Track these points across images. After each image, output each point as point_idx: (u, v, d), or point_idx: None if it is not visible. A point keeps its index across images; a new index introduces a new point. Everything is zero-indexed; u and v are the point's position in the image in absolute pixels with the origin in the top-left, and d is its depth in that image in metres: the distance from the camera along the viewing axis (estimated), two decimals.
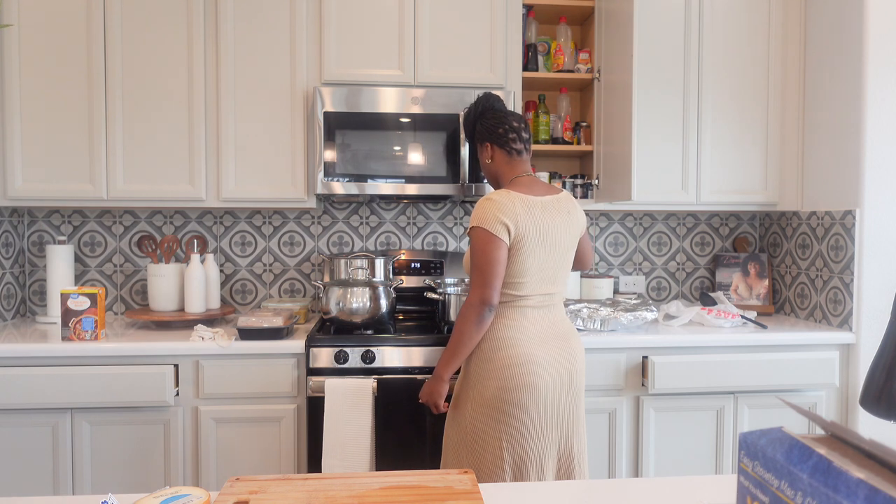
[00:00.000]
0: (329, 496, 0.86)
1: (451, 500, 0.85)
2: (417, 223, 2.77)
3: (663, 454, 2.23)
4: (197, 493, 0.84)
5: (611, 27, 2.38)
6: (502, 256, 1.68)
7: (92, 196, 2.29)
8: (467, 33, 2.39)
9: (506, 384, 1.67)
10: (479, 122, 1.89)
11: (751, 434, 0.53)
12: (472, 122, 1.93)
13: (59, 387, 1.99)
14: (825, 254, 2.40)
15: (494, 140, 1.84)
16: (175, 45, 2.31)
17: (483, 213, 1.69)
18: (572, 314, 2.29)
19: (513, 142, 1.83)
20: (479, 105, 1.91)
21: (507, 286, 1.72)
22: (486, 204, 1.70)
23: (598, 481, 1.01)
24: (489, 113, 1.88)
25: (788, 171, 2.54)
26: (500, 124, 1.84)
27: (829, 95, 2.37)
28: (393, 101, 2.29)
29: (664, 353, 2.20)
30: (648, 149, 2.49)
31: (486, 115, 1.88)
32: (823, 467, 0.44)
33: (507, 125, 1.84)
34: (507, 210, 1.68)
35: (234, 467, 2.09)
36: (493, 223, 1.67)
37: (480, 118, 1.90)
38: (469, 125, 1.94)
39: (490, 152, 1.86)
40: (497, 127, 1.84)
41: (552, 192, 1.80)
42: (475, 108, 1.92)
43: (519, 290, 1.72)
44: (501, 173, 1.86)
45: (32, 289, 2.63)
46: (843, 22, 2.29)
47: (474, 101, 1.94)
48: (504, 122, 1.84)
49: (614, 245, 2.86)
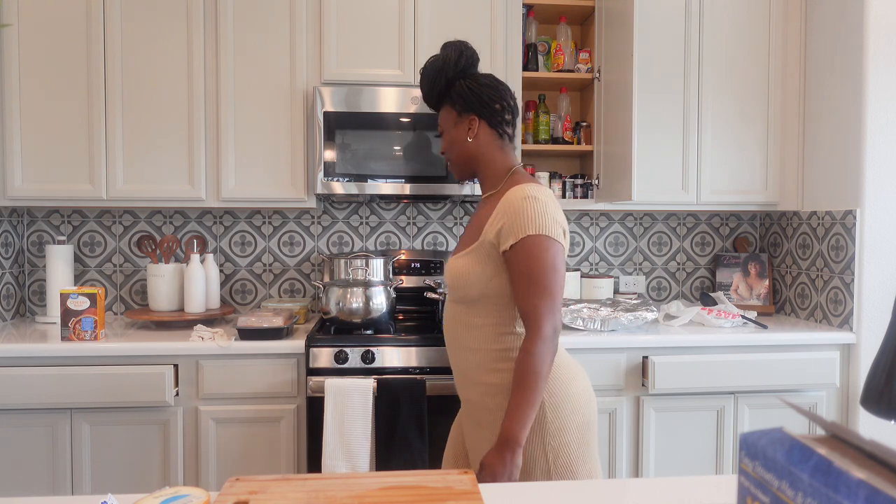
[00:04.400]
0: (329, 496, 0.86)
1: (451, 500, 0.85)
2: (417, 223, 2.77)
3: (663, 454, 2.23)
4: (197, 493, 0.84)
5: (611, 27, 2.38)
6: (565, 270, 1.41)
7: (91, 196, 2.29)
8: (467, 33, 2.39)
9: (590, 417, 1.39)
10: (464, 83, 1.45)
11: (751, 434, 0.53)
12: (449, 77, 1.46)
13: (59, 387, 1.99)
14: (825, 254, 2.39)
15: (485, 115, 1.44)
16: (175, 44, 2.31)
17: (536, 215, 1.31)
18: (573, 314, 2.29)
19: (508, 124, 1.47)
20: (458, 55, 1.46)
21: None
22: (535, 204, 1.32)
23: (598, 481, 1.01)
24: (482, 79, 1.45)
25: (789, 171, 2.54)
26: (497, 98, 1.45)
27: (830, 95, 2.36)
28: (393, 101, 2.29)
29: (664, 353, 2.20)
30: (649, 149, 2.48)
31: (477, 80, 1.45)
32: (824, 468, 0.43)
33: (505, 101, 1.46)
34: (559, 210, 1.36)
35: (234, 467, 2.09)
36: (554, 227, 1.33)
37: (465, 78, 1.46)
38: (441, 81, 1.46)
39: (475, 128, 1.44)
40: (493, 101, 1.44)
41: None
42: (453, 59, 1.45)
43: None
44: (488, 160, 1.45)
45: (32, 289, 2.62)
46: (844, 21, 2.29)
47: (446, 48, 1.47)
48: (502, 96, 1.46)
49: (614, 245, 2.85)
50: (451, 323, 1.46)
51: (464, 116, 1.45)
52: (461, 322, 1.42)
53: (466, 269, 1.39)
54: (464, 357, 1.43)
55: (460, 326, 1.43)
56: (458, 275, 1.39)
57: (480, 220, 1.43)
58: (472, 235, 1.43)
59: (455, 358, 1.46)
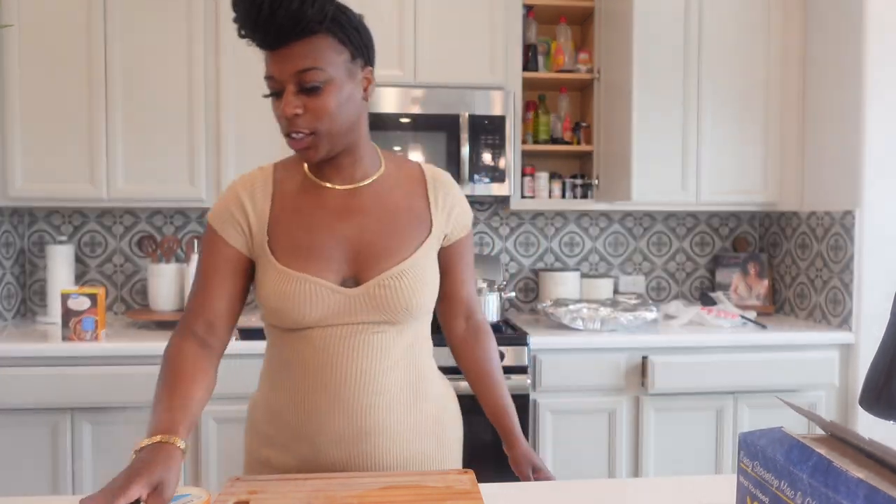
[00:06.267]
0: (329, 496, 0.86)
1: (451, 500, 0.85)
2: None
3: (663, 454, 2.24)
4: (197, 493, 0.84)
5: (611, 27, 2.38)
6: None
7: (92, 196, 2.29)
8: (467, 33, 2.39)
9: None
10: (362, 30, 0.99)
11: (751, 434, 0.53)
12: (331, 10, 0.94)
13: (59, 387, 1.99)
14: (825, 254, 2.40)
15: (372, 64, 1.04)
16: (176, 45, 2.31)
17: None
18: (572, 314, 2.29)
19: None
20: None
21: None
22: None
23: (598, 481, 1.01)
24: (362, 24, 1.00)
25: (788, 171, 2.55)
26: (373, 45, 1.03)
27: (829, 95, 2.37)
28: (393, 101, 2.29)
29: (664, 353, 2.20)
30: (648, 149, 2.48)
31: (363, 25, 1.00)
32: (823, 467, 0.44)
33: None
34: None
35: (234, 467, 2.09)
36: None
37: (358, 21, 0.99)
38: (323, 10, 0.92)
39: (369, 88, 1.03)
40: (373, 49, 1.03)
41: None
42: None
43: None
44: (364, 129, 1.06)
45: (33, 289, 2.63)
46: (844, 21, 2.29)
47: None
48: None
49: (614, 245, 2.86)
50: (381, 354, 1.04)
51: (357, 63, 0.99)
52: (382, 348, 1.05)
53: (434, 277, 1.09)
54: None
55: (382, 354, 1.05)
56: (422, 285, 1.05)
57: (392, 213, 1.06)
58: (399, 230, 1.06)
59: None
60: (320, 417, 1.01)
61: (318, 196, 1.05)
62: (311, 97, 0.94)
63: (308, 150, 0.97)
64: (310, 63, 0.92)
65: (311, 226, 1.03)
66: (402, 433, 1.05)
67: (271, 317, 1.03)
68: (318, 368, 1.02)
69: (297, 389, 1.03)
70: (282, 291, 0.99)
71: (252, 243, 1.04)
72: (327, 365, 1.01)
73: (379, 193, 1.07)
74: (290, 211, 1.04)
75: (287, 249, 1.02)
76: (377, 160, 1.10)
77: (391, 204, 1.07)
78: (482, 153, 2.34)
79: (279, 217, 1.04)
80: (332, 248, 1.02)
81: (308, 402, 1.02)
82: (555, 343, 2.17)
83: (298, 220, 1.03)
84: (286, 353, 1.05)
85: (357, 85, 1.00)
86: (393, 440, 1.04)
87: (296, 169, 1.08)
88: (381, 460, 1.04)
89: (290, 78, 0.93)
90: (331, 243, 1.02)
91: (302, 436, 1.02)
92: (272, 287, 1.00)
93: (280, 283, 1.00)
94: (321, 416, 1.01)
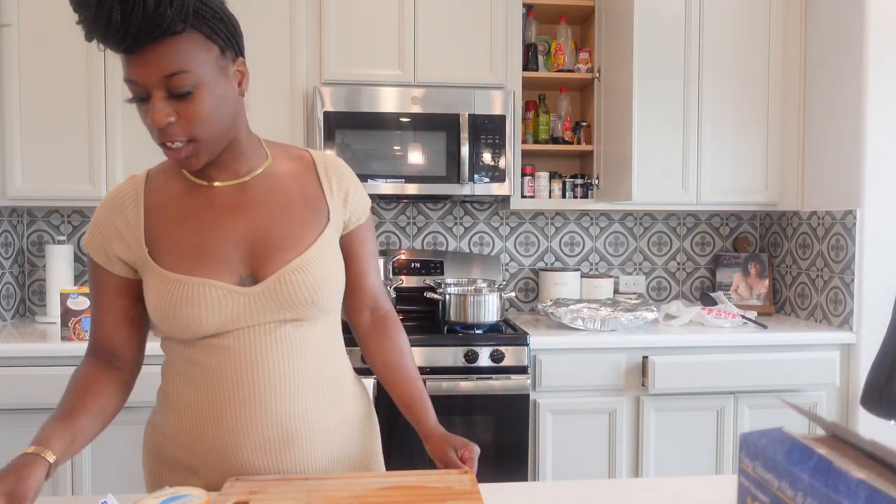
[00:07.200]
0: (329, 496, 0.86)
1: (451, 500, 0.85)
2: (417, 223, 2.77)
3: (663, 454, 2.23)
4: (197, 493, 0.84)
5: (611, 27, 2.38)
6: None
7: (92, 196, 2.29)
8: (467, 33, 2.39)
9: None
10: (227, 19, 0.91)
11: (751, 434, 0.53)
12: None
13: (59, 387, 1.99)
14: (825, 254, 2.40)
15: (243, 55, 0.97)
16: None
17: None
18: (573, 314, 2.29)
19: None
20: None
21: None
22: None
23: (598, 481, 1.01)
24: (226, 11, 0.91)
25: (789, 171, 2.54)
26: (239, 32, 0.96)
27: (830, 95, 2.36)
28: (393, 101, 2.29)
29: (664, 353, 2.20)
30: (649, 148, 2.48)
31: (227, 12, 0.92)
32: (824, 468, 0.43)
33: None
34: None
35: None
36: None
37: (221, 10, 0.90)
38: (184, 7, 0.82)
39: (244, 81, 0.96)
40: (241, 36, 0.96)
41: None
42: None
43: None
44: (244, 123, 0.99)
45: (32, 289, 2.62)
46: (844, 21, 2.29)
47: None
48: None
49: (614, 245, 2.85)
50: (297, 352, 0.99)
51: (228, 56, 0.92)
52: (298, 344, 1.00)
53: (338, 266, 1.03)
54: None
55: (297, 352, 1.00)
56: (326, 276, 0.99)
57: (285, 204, 1.00)
58: (294, 221, 0.99)
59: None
60: (241, 428, 0.95)
61: (204, 196, 0.98)
62: (182, 103, 0.86)
63: (189, 160, 0.90)
64: (177, 66, 0.83)
65: (198, 228, 0.96)
66: (326, 433, 1.01)
67: (165, 328, 0.95)
68: (228, 378, 0.95)
69: (211, 404, 0.96)
70: (169, 299, 0.92)
71: (132, 259, 0.97)
72: (238, 372, 0.95)
73: (269, 185, 1.00)
74: (172, 216, 0.97)
75: (172, 255, 0.95)
76: (262, 151, 1.03)
77: (283, 195, 1.00)
78: (482, 153, 2.34)
79: (158, 225, 0.97)
80: (225, 248, 0.95)
81: (226, 415, 0.95)
82: (555, 343, 2.17)
83: (183, 225, 0.96)
84: (189, 368, 0.97)
85: (230, 81, 0.92)
86: (321, 441, 1.01)
87: (175, 172, 1.01)
88: (309, 463, 1.00)
89: (156, 83, 0.84)
90: (222, 243, 0.95)
91: (224, 451, 0.96)
92: (157, 295, 0.93)
93: (166, 289, 0.93)
94: (242, 427, 0.95)
